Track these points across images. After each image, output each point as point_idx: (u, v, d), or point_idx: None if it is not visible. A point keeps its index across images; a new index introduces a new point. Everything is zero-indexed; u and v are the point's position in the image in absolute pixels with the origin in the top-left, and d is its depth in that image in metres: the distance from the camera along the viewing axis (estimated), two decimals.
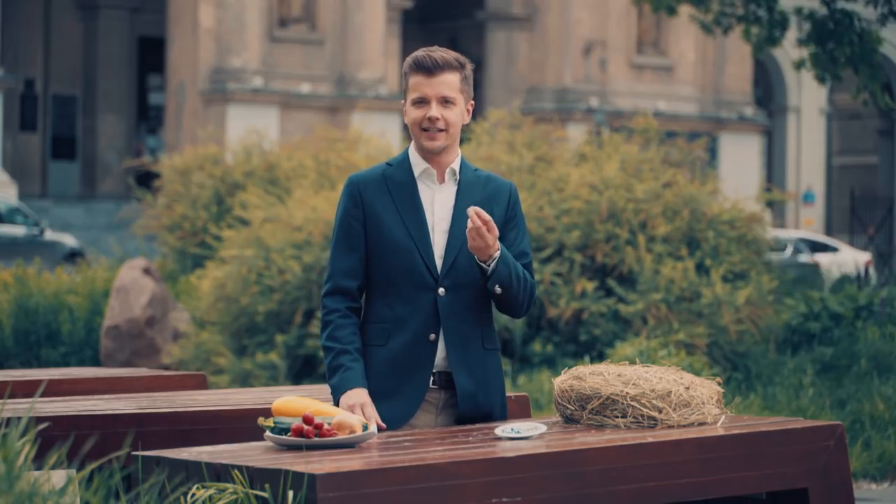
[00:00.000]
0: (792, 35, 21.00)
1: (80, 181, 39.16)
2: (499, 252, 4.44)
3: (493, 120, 16.35)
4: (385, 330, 4.52)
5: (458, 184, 4.58)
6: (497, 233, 4.39)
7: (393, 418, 4.44)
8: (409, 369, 4.50)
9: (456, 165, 4.59)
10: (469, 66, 4.58)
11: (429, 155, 4.55)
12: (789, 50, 32.74)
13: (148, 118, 40.95)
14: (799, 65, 17.62)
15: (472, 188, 4.58)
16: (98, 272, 18.15)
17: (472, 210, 4.36)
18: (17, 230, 28.12)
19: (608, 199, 13.86)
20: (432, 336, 4.51)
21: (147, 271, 16.47)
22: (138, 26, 39.57)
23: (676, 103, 37.80)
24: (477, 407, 4.56)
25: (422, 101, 4.50)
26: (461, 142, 17.79)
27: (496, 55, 37.65)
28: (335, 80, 33.86)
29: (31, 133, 38.82)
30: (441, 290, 4.50)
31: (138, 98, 40.30)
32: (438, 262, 4.51)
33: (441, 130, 4.49)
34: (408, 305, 4.49)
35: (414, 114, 4.51)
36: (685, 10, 18.69)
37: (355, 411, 4.36)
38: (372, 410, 4.39)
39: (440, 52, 4.53)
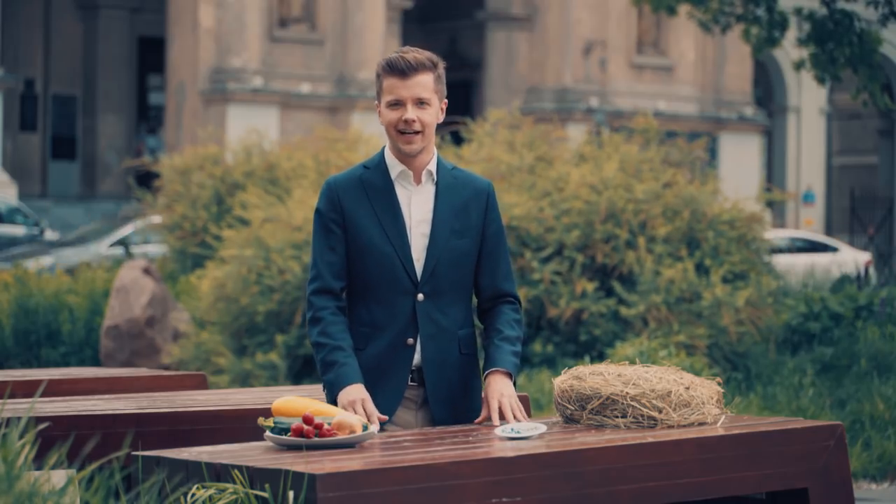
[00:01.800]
0: (792, 35, 20.99)
1: (80, 181, 39.16)
2: (513, 373, 4.60)
3: (493, 120, 16.34)
4: (364, 334, 4.54)
5: (436, 186, 4.58)
6: (516, 411, 4.52)
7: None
8: (388, 372, 4.52)
9: (432, 166, 4.59)
10: (441, 65, 4.61)
11: (405, 157, 4.56)
12: (789, 50, 32.74)
13: (148, 118, 40.95)
14: (799, 65, 17.62)
15: (451, 191, 4.59)
16: (98, 272, 18.14)
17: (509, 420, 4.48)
18: (17, 230, 28.13)
19: (608, 200, 13.86)
20: (410, 340, 4.52)
21: (147, 271, 16.47)
22: (138, 26, 39.57)
23: (676, 103, 37.79)
24: (453, 411, 4.57)
25: (397, 104, 4.52)
26: (461, 143, 17.68)
27: (496, 55, 37.65)
28: (335, 80, 33.85)
29: (31, 133, 38.82)
30: (420, 296, 4.51)
31: (138, 98, 40.30)
32: (417, 266, 4.52)
33: (417, 132, 4.51)
34: (387, 310, 4.51)
35: (389, 116, 4.52)
36: (685, 10, 18.68)
37: (356, 407, 4.36)
38: (371, 406, 4.39)
39: (413, 54, 4.55)
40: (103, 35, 39.15)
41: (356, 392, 4.41)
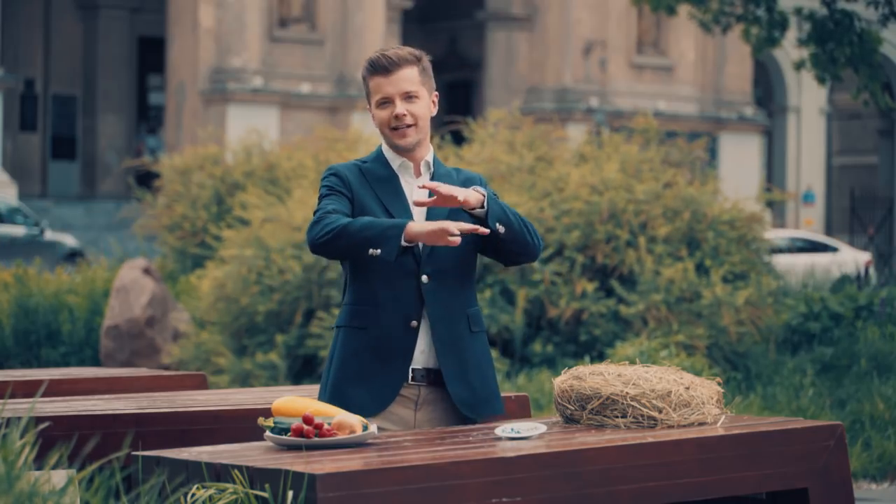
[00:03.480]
0: (792, 35, 20.99)
1: (80, 181, 39.17)
2: (484, 193, 4.41)
3: (493, 120, 16.34)
4: (366, 313, 4.51)
5: (433, 176, 4.60)
6: (454, 189, 4.34)
7: (369, 405, 4.43)
8: (389, 355, 4.49)
9: (430, 158, 4.62)
10: (426, 59, 4.60)
11: (403, 152, 4.58)
12: (789, 50, 32.74)
13: (148, 118, 40.96)
14: (799, 65, 17.62)
15: (446, 180, 4.59)
16: (98, 272, 18.14)
17: (422, 191, 4.35)
18: (17, 230, 28.14)
19: (608, 200, 13.86)
20: (414, 323, 4.50)
21: (147, 271, 16.47)
22: (138, 26, 39.58)
23: (676, 103, 37.80)
24: (471, 390, 4.55)
25: (385, 102, 4.53)
26: (461, 143, 17.64)
27: (496, 55, 37.65)
28: (335, 80, 33.86)
29: (31, 133, 38.83)
30: (424, 277, 4.50)
31: (138, 98, 40.31)
32: (421, 248, 4.52)
33: (410, 126, 4.52)
34: (390, 290, 4.49)
35: (380, 115, 4.54)
36: (685, 10, 18.69)
37: (448, 227, 4.25)
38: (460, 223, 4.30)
39: (394, 50, 4.57)
40: (103, 35, 39.16)
41: (427, 223, 4.32)
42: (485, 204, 4.40)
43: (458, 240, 4.28)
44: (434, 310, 4.50)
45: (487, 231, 4.34)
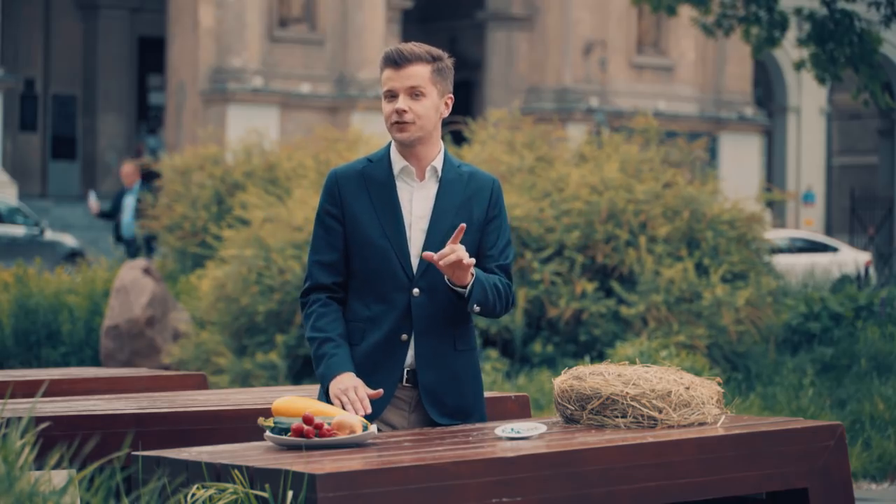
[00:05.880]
0: (792, 35, 20.99)
1: (80, 181, 39.17)
2: (474, 276, 4.43)
3: (493, 120, 16.34)
4: (360, 329, 4.52)
5: (440, 182, 4.56)
6: (471, 262, 4.37)
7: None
8: (380, 367, 4.50)
9: (437, 163, 4.56)
10: (446, 60, 4.56)
11: (407, 151, 4.54)
12: (789, 50, 32.74)
13: (148, 118, 40.96)
14: (799, 65, 17.62)
15: (454, 187, 4.55)
16: (98, 272, 18.13)
17: (437, 256, 4.35)
18: (17, 230, 28.14)
19: (608, 200, 13.86)
20: (404, 336, 4.50)
21: (147, 271, 16.47)
22: (138, 26, 39.58)
23: (676, 103, 37.79)
24: (444, 406, 4.54)
25: (391, 95, 4.52)
26: (461, 142, 17.61)
27: (496, 55, 37.65)
28: (335, 80, 33.86)
29: (31, 133, 38.83)
30: (416, 291, 4.49)
31: (138, 98, 40.32)
32: (414, 262, 4.50)
33: (410, 122, 4.49)
34: (382, 304, 4.49)
35: (386, 108, 4.53)
36: (685, 11, 18.68)
37: (347, 394, 4.34)
38: (364, 390, 4.37)
39: (410, 46, 4.54)
40: (103, 35, 39.16)
41: (347, 380, 4.39)
42: (467, 289, 4.42)
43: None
44: (420, 324, 4.50)
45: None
